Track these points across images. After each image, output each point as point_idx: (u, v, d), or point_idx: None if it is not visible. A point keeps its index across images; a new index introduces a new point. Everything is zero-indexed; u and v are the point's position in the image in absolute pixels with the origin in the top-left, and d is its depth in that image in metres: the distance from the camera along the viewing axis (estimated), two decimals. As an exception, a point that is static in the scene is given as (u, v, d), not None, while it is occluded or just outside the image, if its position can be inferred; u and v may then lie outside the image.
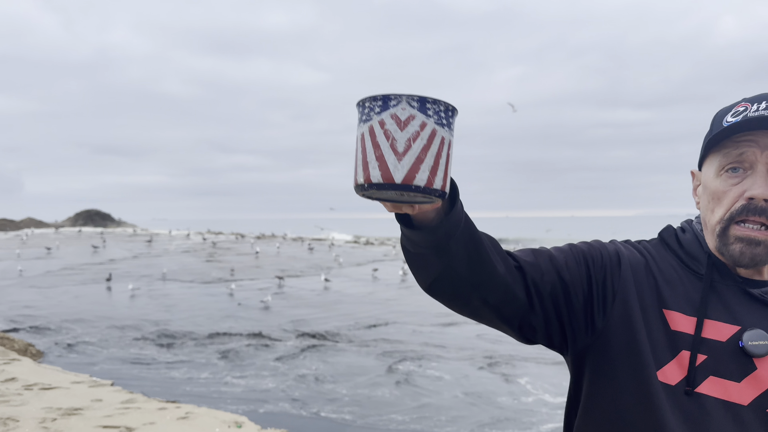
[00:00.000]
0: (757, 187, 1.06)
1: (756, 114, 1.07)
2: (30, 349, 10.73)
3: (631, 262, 1.16)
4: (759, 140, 1.07)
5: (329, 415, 8.03)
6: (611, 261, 1.16)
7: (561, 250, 1.18)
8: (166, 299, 17.92)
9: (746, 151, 1.08)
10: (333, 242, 46.01)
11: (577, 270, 1.13)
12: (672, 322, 1.10)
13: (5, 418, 5.95)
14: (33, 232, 51.28)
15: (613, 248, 1.19)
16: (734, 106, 1.14)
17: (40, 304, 16.57)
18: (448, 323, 14.64)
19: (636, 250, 1.20)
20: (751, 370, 1.05)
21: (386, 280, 23.73)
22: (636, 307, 1.11)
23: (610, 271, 1.14)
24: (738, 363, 1.06)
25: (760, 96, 1.11)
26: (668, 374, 1.07)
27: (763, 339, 1.05)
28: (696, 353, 1.06)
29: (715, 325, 1.08)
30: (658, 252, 1.20)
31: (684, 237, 1.20)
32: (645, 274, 1.15)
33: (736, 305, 1.10)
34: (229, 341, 12.35)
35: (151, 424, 6.03)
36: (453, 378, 9.85)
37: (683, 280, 1.14)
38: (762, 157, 1.07)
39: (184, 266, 27.37)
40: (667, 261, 1.18)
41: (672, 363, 1.07)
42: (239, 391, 9.06)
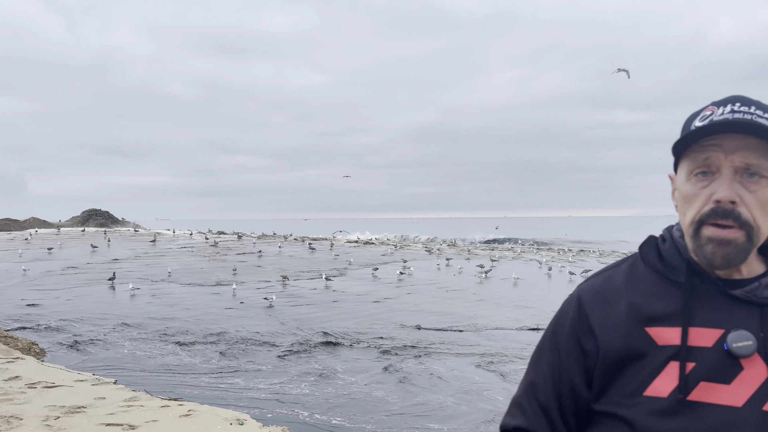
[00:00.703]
0: (722, 190, 1.08)
1: (720, 117, 1.10)
2: (33, 348, 10.79)
3: (598, 303, 1.19)
4: (723, 144, 1.09)
5: (330, 413, 8.08)
6: (575, 337, 1.19)
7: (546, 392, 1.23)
8: (169, 298, 17.97)
9: (711, 155, 1.10)
10: (332, 242, 45.98)
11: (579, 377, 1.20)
12: (658, 338, 1.11)
13: (9, 416, 6.00)
14: (37, 231, 51.37)
15: (572, 314, 1.22)
16: (703, 110, 1.15)
17: (43, 303, 16.63)
18: (447, 323, 14.67)
19: (607, 281, 1.22)
20: (739, 371, 1.06)
21: (385, 279, 23.77)
22: (617, 344, 1.13)
23: (582, 347, 1.18)
24: (726, 366, 1.06)
25: (727, 99, 1.14)
26: (659, 388, 1.08)
27: (746, 339, 1.06)
28: (685, 362, 1.07)
29: (700, 332, 1.09)
30: (637, 270, 1.21)
31: (664, 247, 1.22)
32: (619, 302, 1.17)
33: (719, 308, 1.11)
34: (231, 339, 12.40)
35: (153, 421, 6.07)
36: (452, 377, 9.88)
37: (664, 293, 1.15)
38: (726, 161, 1.09)
39: (186, 265, 27.42)
40: (646, 277, 1.19)
41: (662, 376, 1.09)
42: (241, 388, 9.11)
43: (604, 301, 1.18)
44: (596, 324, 1.17)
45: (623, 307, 1.16)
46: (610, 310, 1.17)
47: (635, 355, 1.11)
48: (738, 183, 1.08)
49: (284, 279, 22.35)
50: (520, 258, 36.43)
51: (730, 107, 1.11)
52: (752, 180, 1.08)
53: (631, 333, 1.13)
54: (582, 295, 1.22)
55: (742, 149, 1.08)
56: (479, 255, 38.08)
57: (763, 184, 1.08)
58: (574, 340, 1.19)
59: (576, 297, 1.23)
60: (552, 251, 44.35)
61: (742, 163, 1.08)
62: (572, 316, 1.21)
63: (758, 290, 1.11)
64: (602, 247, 51.05)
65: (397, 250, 39.81)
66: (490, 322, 14.79)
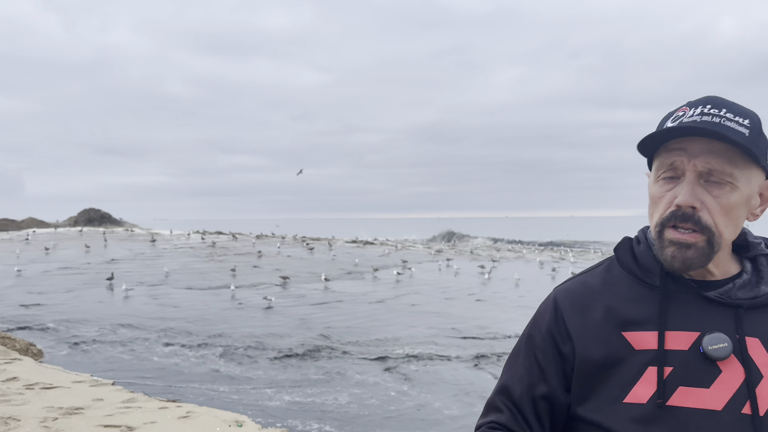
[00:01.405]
0: (682, 195, 1.07)
1: (689, 120, 1.09)
2: (31, 349, 10.74)
3: (574, 307, 1.18)
4: (688, 147, 1.08)
5: (329, 414, 8.05)
6: (552, 340, 1.18)
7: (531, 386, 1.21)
8: (167, 299, 17.93)
9: (676, 159, 1.09)
10: (330, 242, 46.00)
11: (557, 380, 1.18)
12: (635, 342, 1.10)
13: (6, 418, 5.97)
14: (35, 232, 51.31)
15: (548, 316, 1.21)
16: (677, 110, 1.15)
17: (41, 304, 16.58)
18: (447, 323, 14.66)
19: (583, 284, 1.21)
20: (717, 374, 1.05)
21: (384, 279, 23.77)
22: (594, 349, 1.12)
23: (559, 350, 1.17)
24: (704, 369, 1.06)
25: (699, 100, 1.12)
26: (639, 394, 1.07)
27: (721, 342, 1.05)
28: (662, 366, 1.07)
29: (677, 335, 1.09)
30: (613, 273, 1.21)
31: (639, 249, 1.20)
32: (596, 306, 1.16)
33: (694, 311, 1.10)
34: (230, 340, 12.36)
35: (152, 423, 6.04)
36: (451, 377, 9.87)
37: (640, 296, 1.14)
38: (689, 165, 1.08)
39: (184, 266, 27.38)
40: (622, 280, 1.18)
41: (641, 382, 1.08)
42: (240, 390, 9.08)
43: (580, 305, 1.17)
44: (573, 328, 1.16)
45: (600, 312, 1.15)
46: (586, 315, 1.16)
47: (613, 361, 1.11)
48: (701, 187, 1.08)
49: (285, 279, 22.33)
50: (521, 258, 36.45)
51: (701, 109, 1.09)
52: (716, 185, 1.07)
53: (608, 338, 1.12)
54: (558, 297, 1.21)
55: (705, 154, 1.06)
56: (481, 256, 38.10)
57: (726, 190, 1.07)
58: (550, 342, 1.18)
59: (552, 299, 1.22)
60: (553, 251, 44.40)
61: (705, 168, 1.07)
62: (549, 319, 1.20)
63: (732, 291, 1.11)
64: (605, 247, 51.02)
65: (396, 251, 39.83)
66: (490, 323, 14.78)
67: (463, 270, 27.68)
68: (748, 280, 1.13)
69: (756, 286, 1.12)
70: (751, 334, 1.08)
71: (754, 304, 1.10)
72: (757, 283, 1.13)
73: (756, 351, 1.07)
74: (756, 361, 1.06)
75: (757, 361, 1.06)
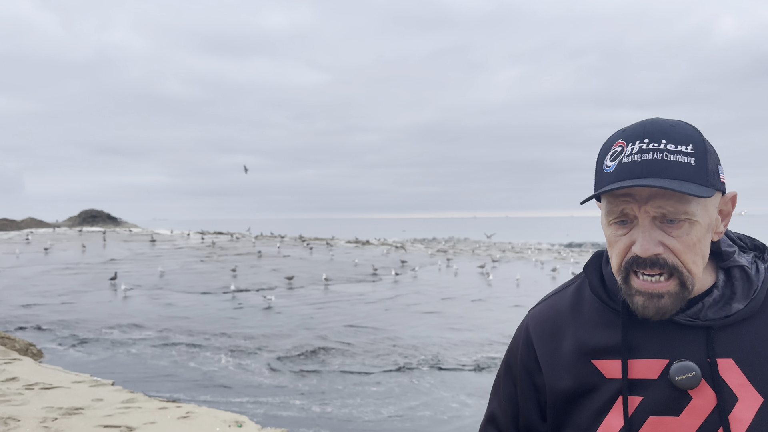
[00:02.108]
0: (640, 245, 1.00)
1: (629, 160, 1.00)
2: (31, 349, 10.74)
3: (544, 337, 1.15)
4: (635, 193, 1.01)
5: (329, 414, 8.04)
6: (526, 372, 1.16)
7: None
8: (167, 299, 17.93)
9: (625, 207, 1.02)
10: (329, 242, 46.01)
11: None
12: (604, 370, 1.07)
13: (6, 418, 5.96)
14: (35, 232, 51.31)
15: (521, 346, 1.19)
16: (613, 141, 1.06)
17: (41, 304, 16.58)
18: (447, 322, 14.66)
19: (553, 308, 1.18)
20: (688, 401, 1.02)
21: (383, 279, 23.78)
22: (564, 380, 1.10)
23: (533, 382, 1.16)
24: (673, 397, 1.02)
25: (635, 132, 1.03)
26: (612, 424, 1.05)
27: (689, 371, 1.01)
28: (627, 397, 1.04)
29: (645, 364, 1.05)
30: (583, 295, 1.16)
31: (606, 270, 1.14)
32: (564, 335, 1.13)
33: (663, 336, 1.05)
34: (229, 340, 12.36)
35: (151, 423, 6.03)
36: (451, 377, 9.86)
37: (608, 322, 1.10)
38: (641, 211, 1.01)
39: (184, 266, 27.38)
40: (591, 304, 1.14)
41: (612, 412, 1.05)
42: (240, 390, 9.07)
43: (550, 334, 1.15)
44: (543, 359, 1.14)
45: (569, 340, 1.12)
46: (556, 344, 1.13)
47: (585, 390, 1.08)
48: (658, 230, 1.01)
49: (290, 280, 22.19)
50: (521, 259, 36.45)
51: (638, 145, 1.01)
52: (673, 225, 1.00)
53: (578, 367, 1.09)
54: (530, 326, 1.19)
55: (654, 198, 0.99)
56: (480, 255, 38.10)
57: (685, 227, 1.00)
58: (525, 374, 1.17)
59: (525, 328, 1.20)
60: (551, 251, 44.41)
61: (658, 213, 1.00)
62: (522, 350, 1.19)
63: (701, 312, 1.05)
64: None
65: (396, 251, 39.82)
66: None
67: (466, 270, 27.66)
68: (719, 296, 1.06)
69: (727, 304, 1.06)
70: (723, 355, 1.03)
71: (726, 323, 1.04)
72: (729, 300, 1.06)
73: (729, 373, 1.02)
74: (729, 383, 1.02)
75: (730, 383, 1.02)
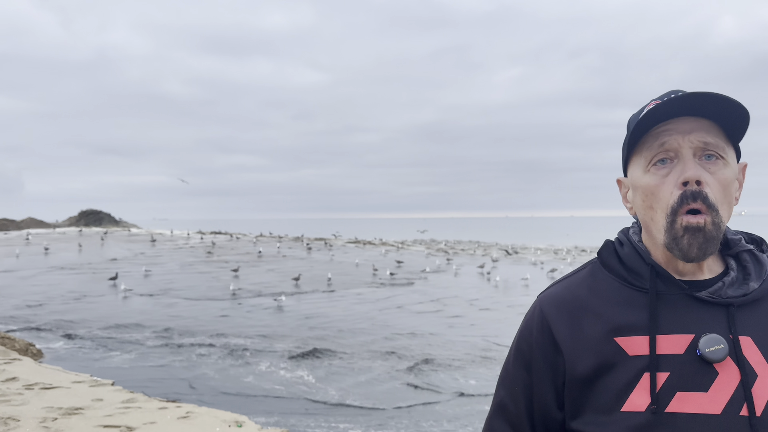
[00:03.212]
0: (688, 170, 1.03)
1: (665, 103, 1.04)
2: (31, 349, 10.74)
3: (561, 316, 1.13)
4: (677, 127, 1.05)
5: (329, 414, 8.05)
6: (542, 354, 1.13)
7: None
8: (167, 299, 17.93)
9: (667, 140, 1.05)
10: (328, 242, 46.01)
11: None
12: (628, 348, 1.06)
13: (6, 418, 5.96)
14: (35, 232, 51.31)
15: (535, 328, 1.15)
16: (645, 108, 1.10)
17: (41, 304, 16.58)
18: (447, 323, 14.66)
19: (568, 290, 1.17)
20: (715, 377, 1.01)
21: (383, 279, 23.78)
22: (585, 359, 1.08)
23: (550, 364, 1.12)
24: (701, 372, 1.01)
25: (667, 92, 1.10)
26: (636, 402, 1.02)
27: (717, 344, 1.01)
28: (655, 372, 1.02)
29: (670, 339, 1.04)
30: (598, 277, 1.16)
31: (623, 252, 1.15)
32: (584, 314, 1.11)
33: (686, 313, 1.06)
34: (230, 340, 12.36)
35: (151, 423, 6.04)
36: (450, 376, 9.86)
37: (630, 300, 1.10)
38: (684, 141, 1.04)
39: (185, 266, 27.37)
40: (609, 284, 1.13)
41: (637, 390, 1.03)
42: (240, 390, 9.07)
43: (567, 313, 1.12)
44: (561, 339, 1.11)
45: (589, 319, 1.10)
46: (575, 323, 1.11)
47: (606, 368, 1.06)
48: (698, 164, 1.04)
49: (296, 281, 22.01)
50: (520, 261, 36.44)
51: (674, 95, 1.06)
52: (710, 161, 1.04)
53: (599, 345, 1.07)
54: (544, 307, 1.16)
55: (697, 130, 1.04)
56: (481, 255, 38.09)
57: (720, 165, 1.04)
58: (541, 357, 1.13)
59: (538, 310, 1.17)
60: (549, 252, 44.38)
61: (701, 143, 1.04)
62: (536, 332, 1.15)
63: (722, 290, 1.07)
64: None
65: (396, 251, 39.82)
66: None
67: (466, 271, 27.65)
68: (736, 277, 1.09)
69: (744, 283, 1.09)
70: (743, 333, 1.04)
71: (744, 302, 1.07)
72: (745, 280, 1.09)
73: (749, 350, 1.03)
74: (750, 361, 1.03)
75: (750, 360, 1.03)
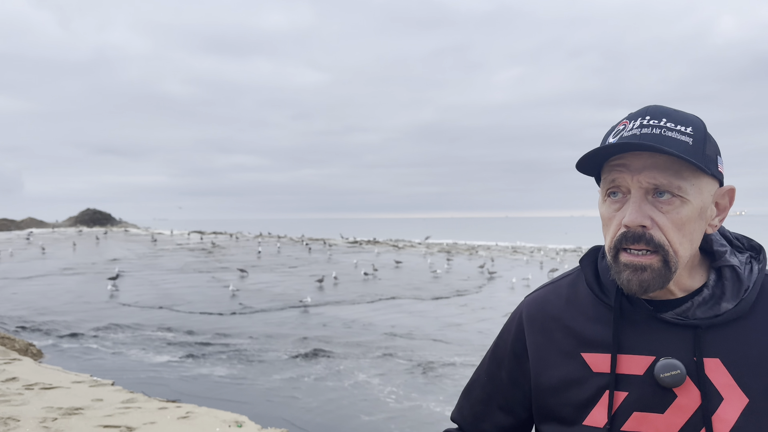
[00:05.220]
0: (629, 215, 1.01)
1: (629, 134, 1.03)
2: (31, 349, 10.74)
3: (535, 325, 1.18)
4: (630, 163, 1.02)
5: (329, 414, 8.05)
6: (515, 357, 1.20)
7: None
8: (168, 299, 17.92)
9: (617, 176, 1.03)
10: (327, 242, 46.04)
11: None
12: (592, 364, 1.08)
13: (6, 418, 5.96)
14: (35, 232, 51.32)
15: (513, 331, 1.22)
16: (618, 124, 1.09)
17: (40, 304, 16.58)
18: (448, 323, 14.66)
19: (547, 298, 1.20)
20: (673, 399, 1.02)
21: (384, 279, 23.79)
22: (550, 370, 1.13)
23: (519, 368, 1.19)
24: (658, 394, 1.03)
25: (638, 112, 1.07)
26: (596, 418, 1.06)
27: (674, 369, 1.01)
28: (613, 391, 1.05)
29: (632, 359, 1.06)
30: (577, 287, 1.18)
31: (602, 265, 1.16)
32: (557, 326, 1.15)
33: (650, 333, 1.06)
34: (230, 341, 12.36)
35: (151, 423, 6.04)
36: (449, 378, 9.86)
37: (599, 316, 1.11)
38: (633, 181, 1.01)
39: (185, 266, 27.38)
40: (584, 296, 1.15)
41: (598, 406, 1.06)
42: (240, 390, 9.08)
43: (541, 323, 1.17)
44: (531, 348, 1.16)
45: (560, 332, 1.14)
46: (546, 334, 1.15)
47: (571, 382, 1.09)
48: (649, 204, 1.01)
49: (320, 282, 21.38)
50: (518, 260, 36.45)
51: (640, 121, 1.03)
52: (663, 200, 1.01)
53: (566, 359, 1.11)
54: (524, 313, 1.21)
55: (649, 168, 1.00)
56: (481, 255, 38.11)
57: (675, 204, 1.00)
58: (513, 358, 1.20)
59: (519, 315, 1.22)
60: (549, 251, 44.43)
61: (651, 184, 1.00)
62: (513, 335, 1.21)
63: (690, 311, 1.05)
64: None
65: (397, 251, 39.81)
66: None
67: (467, 270, 27.62)
68: (709, 296, 1.06)
69: (717, 304, 1.06)
70: (710, 355, 1.03)
71: (714, 323, 1.04)
72: (719, 300, 1.06)
73: (715, 372, 1.02)
74: (715, 383, 1.02)
75: (716, 383, 1.02)
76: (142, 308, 16.26)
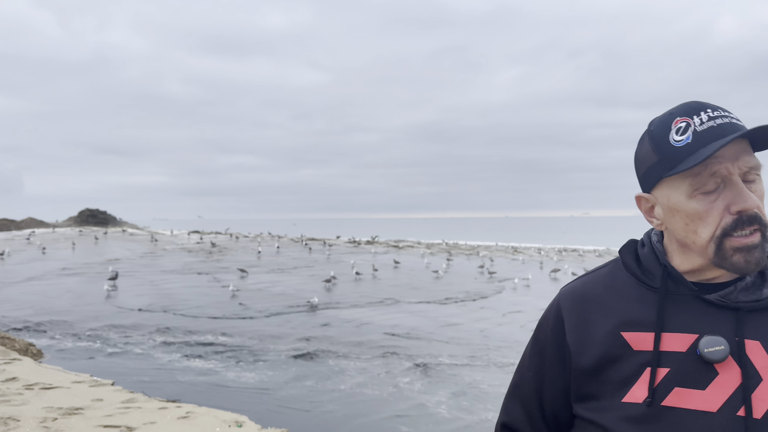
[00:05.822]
0: (742, 200, 1.06)
1: (704, 127, 1.08)
2: (31, 349, 10.73)
3: (574, 311, 1.20)
4: (725, 153, 1.07)
5: (330, 414, 8.04)
6: (555, 345, 1.22)
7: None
8: (168, 299, 17.91)
9: (718, 168, 1.07)
10: (326, 242, 46.04)
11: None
12: (633, 343, 1.12)
13: (6, 418, 5.96)
14: (35, 231, 51.32)
15: (551, 320, 1.24)
16: (669, 121, 1.12)
17: (41, 304, 16.57)
18: (449, 323, 14.66)
19: (586, 286, 1.24)
20: (714, 376, 1.05)
21: (384, 280, 23.78)
22: (590, 352, 1.15)
23: (560, 355, 1.21)
24: (700, 371, 1.06)
25: (689, 108, 1.11)
26: (636, 394, 1.09)
27: (718, 345, 1.05)
28: (656, 367, 1.08)
29: (674, 337, 1.09)
30: (616, 275, 1.22)
31: (643, 252, 1.22)
32: (596, 309, 1.18)
33: (693, 313, 1.11)
34: (231, 340, 12.36)
35: (151, 423, 6.03)
36: (449, 378, 9.86)
37: (641, 297, 1.15)
38: (734, 168, 1.07)
39: (185, 265, 27.37)
40: (624, 281, 1.20)
41: (639, 383, 1.09)
42: (240, 389, 9.07)
43: (581, 308, 1.20)
44: (570, 334, 1.19)
45: (599, 314, 1.17)
46: (585, 318, 1.18)
47: (611, 360, 1.12)
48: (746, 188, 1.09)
49: (328, 282, 21.11)
50: (518, 259, 36.45)
51: (705, 115, 1.09)
52: (750, 182, 1.10)
53: (606, 338, 1.14)
54: (561, 301, 1.24)
55: (741, 154, 1.08)
56: (481, 255, 38.10)
57: (758, 182, 1.10)
58: (553, 347, 1.22)
59: (556, 303, 1.26)
60: (552, 250, 44.42)
61: (747, 168, 1.08)
62: (552, 324, 1.24)
63: (733, 294, 1.10)
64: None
65: (397, 251, 39.81)
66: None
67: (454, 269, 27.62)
68: (752, 282, 1.12)
69: (759, 289, 1.12)
70: (751, 337, 1.07)
71: (756, 307, 1.10)
72: (761, 286, 1.12)
73: (755, 353, 1.06)
74: (755, 364, 1.06)
75: (756, 364, 1.06)
76: (142, 308, 16.25)
